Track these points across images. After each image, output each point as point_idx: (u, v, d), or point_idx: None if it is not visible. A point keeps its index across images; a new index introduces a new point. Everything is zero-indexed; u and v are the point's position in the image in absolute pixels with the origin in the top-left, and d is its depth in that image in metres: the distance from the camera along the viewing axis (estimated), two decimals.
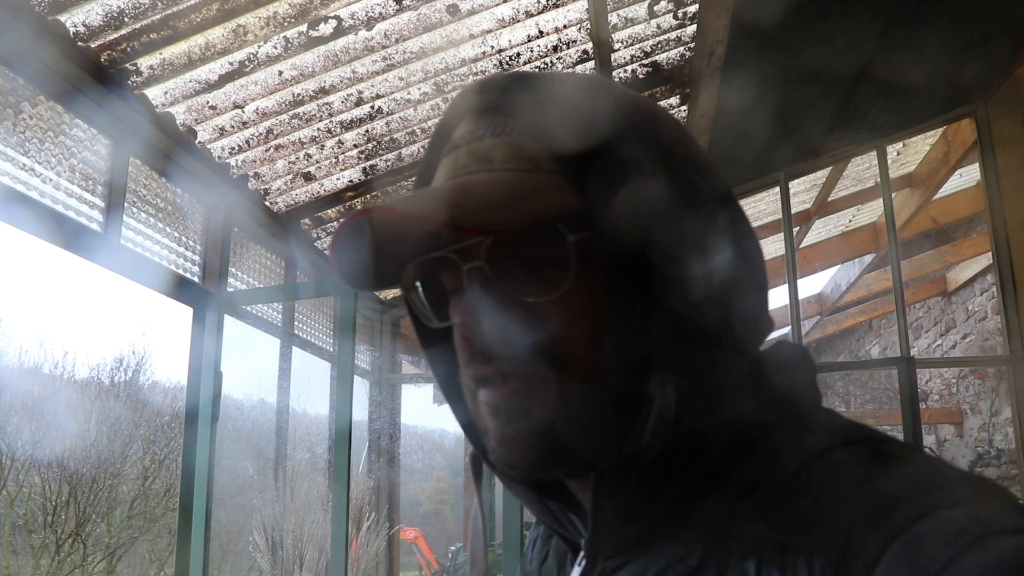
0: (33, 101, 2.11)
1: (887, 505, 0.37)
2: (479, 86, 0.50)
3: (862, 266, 6.13)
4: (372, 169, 3.26)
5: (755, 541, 0.40)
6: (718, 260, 0.45)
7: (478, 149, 0.47)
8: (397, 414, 4.92)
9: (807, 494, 0.40)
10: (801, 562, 0.37)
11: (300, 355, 3.74)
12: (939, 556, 0.34)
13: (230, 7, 2.19)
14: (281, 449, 3.52)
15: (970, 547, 0.34)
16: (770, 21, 2.53)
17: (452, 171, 0.48)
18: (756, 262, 0.49)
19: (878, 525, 0.36)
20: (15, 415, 6.93)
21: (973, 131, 3.71)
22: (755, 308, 0.48)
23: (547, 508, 0.51)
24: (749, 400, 0.45)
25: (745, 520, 0.41)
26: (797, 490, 0.41)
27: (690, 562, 0.42)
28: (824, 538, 0.38)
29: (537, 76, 0.49)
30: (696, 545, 0.42)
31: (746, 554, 0.39)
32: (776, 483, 0.42)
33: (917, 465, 0.41)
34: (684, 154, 0.47)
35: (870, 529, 0.36)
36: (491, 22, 2.60)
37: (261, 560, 3.14)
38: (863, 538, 0.36)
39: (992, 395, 5.80)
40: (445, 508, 13.36)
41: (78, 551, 6.76)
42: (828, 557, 0.37)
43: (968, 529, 0.34)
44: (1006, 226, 3.49)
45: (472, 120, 0.49)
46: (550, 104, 0.46)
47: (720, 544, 0.41)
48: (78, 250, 2.26)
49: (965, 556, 0.33)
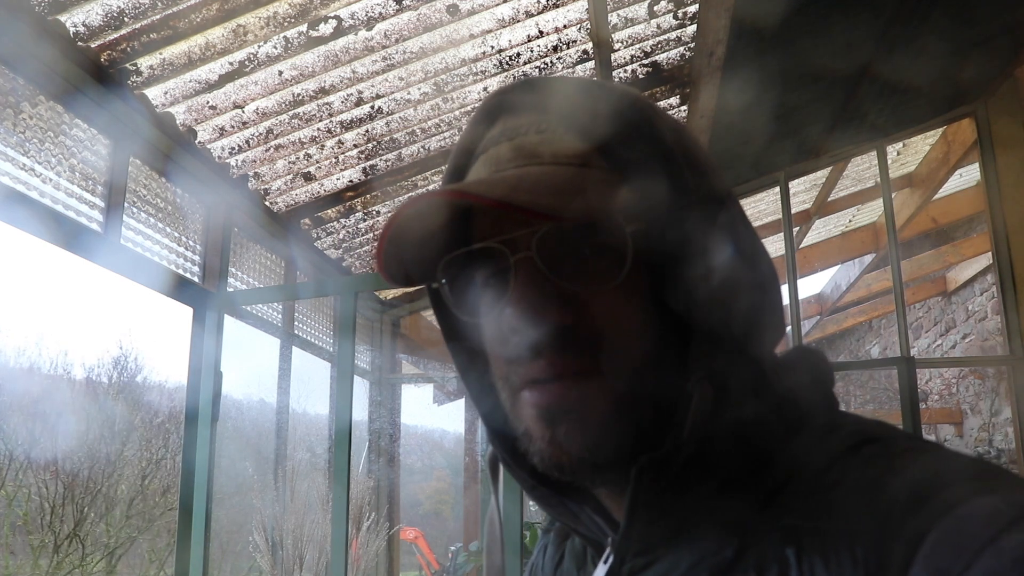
0: (33, 101, 2.11)
1: (924, 492, 0.38)
2: (517, 87, 0.50)
3: (862, 266, 6.13)
4: (372, 169, 3.26)
5: (793, 531, 0.40)
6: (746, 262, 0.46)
7: (524, 144, 0.47)
8: (397, 414, 4.91)
9: (841, 486, 0.41)
10: (843, 548, 0.38)
11: (300, 355, 3.74)
12: (980, 535, 0.34)
13: (230, 7, 2.19)
14: (281, 449, 3.52)
15: (1010, 527, 0.34)
16: (770, 21, 2.53)
17: (495, 165, 0.47)
18: (769, 265, 0.50)
19: (917, 511, 0.37)
20: (14, 415, 6.93)
21: (973, 131, 3.71)
22: (775, 310, 0.49)
23: (569, 510, 0.51)
24: (776, 399, 0.45)
25: (780, 512, 0.41)
26: (830, 483, 0.41)
27: (725, 554, 0.42)
28: (863, 525, 0.38)
29: (573, 79, 0.51)
30: (730, 538, 0.42)
31: (785, 543, 0.40)
32: (808, 478, 0.42)
33: (947, 458, 0.41)
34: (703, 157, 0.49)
35: (909, 515, 0.37)
36: (491, 22, 2.60)
37: (261, 560, 3.14)
38: (902, 523, 0.37)
39: (992, 395, 5.80)
40: (445, 508, 13.35)
41: (77, 551, 6.75)
42: (869, 542, 0.37)
43: (1006, 511, 0.35)
44: (1006, 226, 3.49)
45: (511, 118, 0.49)
46: (590, 105, 0.47)
47: (756, 536, 0.41)
48: (78, 250, 2.26)
49: (1005, 535, 0.34)
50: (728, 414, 0.43)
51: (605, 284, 0.43)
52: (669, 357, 0.43)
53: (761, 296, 0.47)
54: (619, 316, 0.43)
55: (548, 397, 0.44)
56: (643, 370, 0.43)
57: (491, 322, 0.46)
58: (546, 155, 0.45)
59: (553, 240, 0.44)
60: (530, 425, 0.45)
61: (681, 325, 0.43)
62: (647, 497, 0.43)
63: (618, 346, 0.43)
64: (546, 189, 0.42)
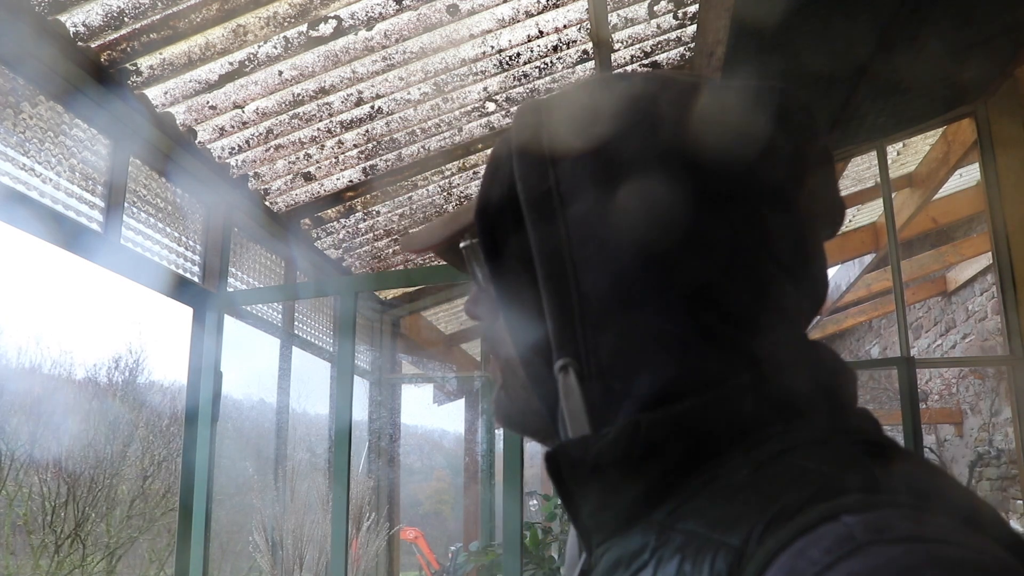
0: (33, 101, 2.11)
1: (797, 507, 0.35)
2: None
3: (862, 266, 6.13)
4: (372, 169, 3.26)
5: (686, 536, 0.40)
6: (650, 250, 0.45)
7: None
8: (397, 414, 4.91)
9: (740, 495, 0.39)
10: (707, 560, 0.37)
11: (300, 355, 3.74)
12: (817, 562, 0.32)
13: (230, 7, 2.19)
14: (281, 449, 3.52)
15: (851, 554, 0.32)
16: (770, 21, 2.53)
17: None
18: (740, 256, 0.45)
19: (779, 528, 0.35)
20: (14, 415, 6.92)
21: (973, 131, 3.71)
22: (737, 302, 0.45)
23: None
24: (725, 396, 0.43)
25: (688, 515, 0.41)
26: (735, 490, 0.40)
27: (644, 555, 0.42)
28: (731, 539, 0.37)
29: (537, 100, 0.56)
30: (650, 537, 0.42)
31: (677, 548, 0.39)
32: (726, 481, 0.41)
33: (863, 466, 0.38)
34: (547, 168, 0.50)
35: (771, 531, 0.35)
36: (491, 22, 2.60)
37: (261, 560, 3.14)
38: (761, 541, 0.35)
39: (992, 395, 5.80)
40: (445, 508, 13.35)
41: (77, 551, 6.75)
42: (730, 557, 0.36)
43: (857, 535, 0.32)
44: (1006, 226, 3.49)
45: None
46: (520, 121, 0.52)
47: (665, 537, 0.41)
48: (78, 250, 2.26)
49: (841, 563, 0.31)
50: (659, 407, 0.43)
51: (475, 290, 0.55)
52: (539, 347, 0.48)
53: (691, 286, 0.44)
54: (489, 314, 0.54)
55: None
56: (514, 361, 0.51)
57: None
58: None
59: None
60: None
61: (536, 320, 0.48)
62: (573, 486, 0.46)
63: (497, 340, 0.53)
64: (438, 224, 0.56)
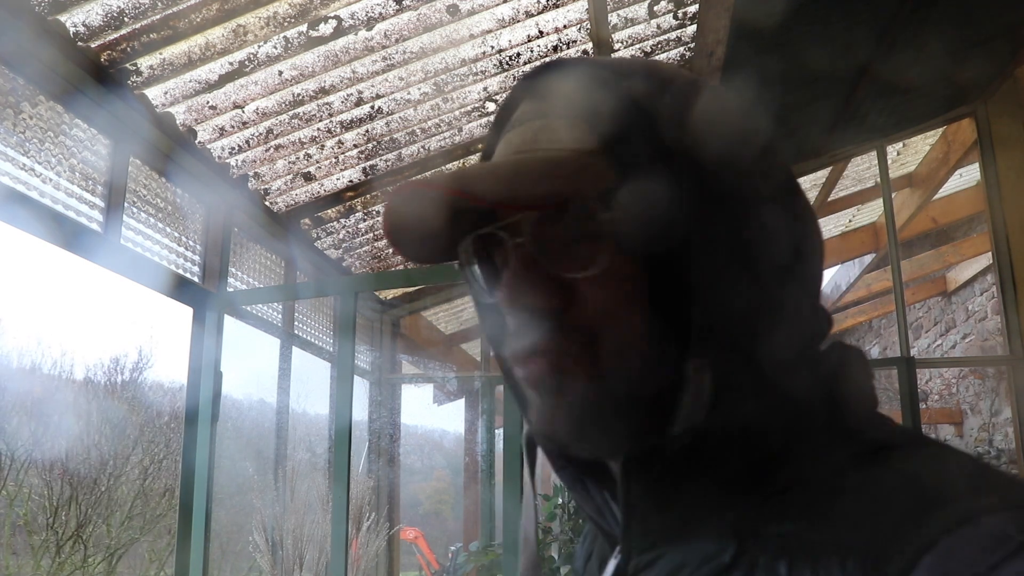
0: (33, 101, 2.11)
1: (930, 508, 0.35)
2: (533, 70, 0.51)
3: (862, 266, 6.13)
4: (372, 169, 3.26)
5: (788, 541, 0.39)
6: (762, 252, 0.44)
7: (526, 131, 0.48)
8: (397, 414, 4.91)
9: (844, 496, 0.39)
10: (834, 564, 0.36)
11: (300, 355, 3.74)
12: (978, 563, 0.32)
13: (230, 7, 2.19)
14: (281, 449, 3.52)
15: (1015, 553, 0.31)
16: (770, 21, 2.53)
17: (504, 152, 0.49)
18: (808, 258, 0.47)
19: (917, 529, 0.34)
20: (15, 415, 6.92)
21: (973, 131, 3.71)
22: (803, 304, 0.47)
23: (591, 498, 0.51)
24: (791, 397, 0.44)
25: (779, 519, 0.40)
26: (834, 492, 0.39)
27: (723, 559, 0.41)
28: (860, 541, 0.36)
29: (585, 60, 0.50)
30: (729, 541, 0.41)
31: (778, 553, 0.38)
32: (813, 484, 0.41)
33: (964, 468, 0.39)
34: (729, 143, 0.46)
35: (908, 533, 0.35)
36: (491, 22, 2.60)
37: (261, 560, 3.14)
38: (901, 542, 0.34)
39: (992, 395, 5.79)
40: (445, 508, 13.35)
41: (79, 552, 6.75)
42: (862, 561, 0.35)
43: (1012, 534, 0.32)
44: (1006, 226, 3.49)
45: (527, 103, 0.50)
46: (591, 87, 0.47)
47: (752, 542, 0.40)
48: (78, 250, 2.26)
49: (1008, 563, 0.31)
50: (728, 409, 0.42)
51: (588, 269, 0.44)
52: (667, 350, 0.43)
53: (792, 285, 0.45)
54: (605, 301, 0.44)
55: (536, 372, 0.45)
56: (632, 356, 0.44)
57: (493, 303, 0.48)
58: (542, 141, 0.46)
59: (547, 227, 0.44)
60: (528, 398, 0.48)
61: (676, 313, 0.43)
62: (640, 488, 0.43)
63: (605, 331, 0.44)
64: (520, 179, 0.43)
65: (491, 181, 0.43)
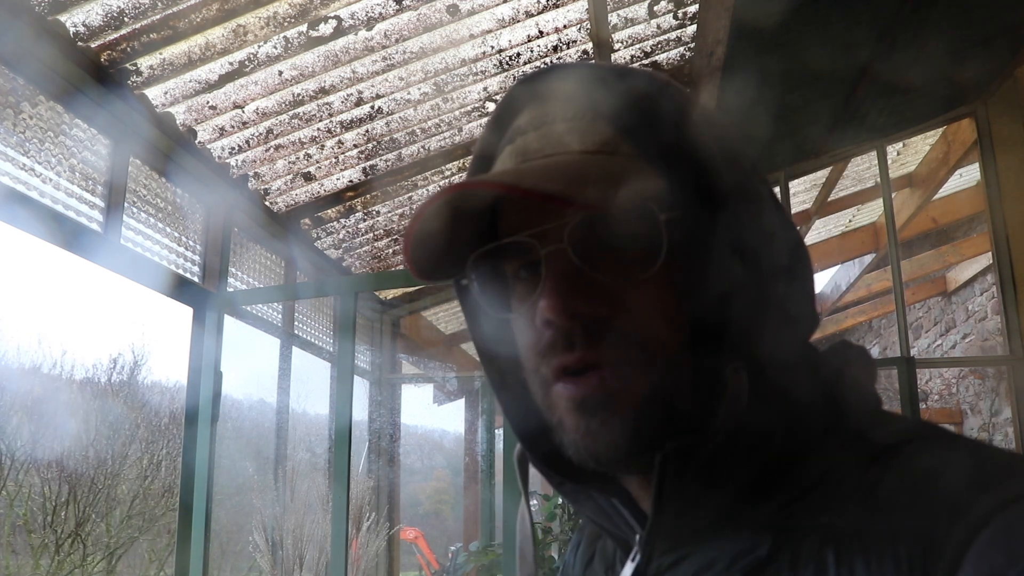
0: (33, 101, 2.11)
1: (975, 491, 0.36)
2: (542, 74, 0.49)
3: (862, 266, 6.13)
4: (372, 169, 3.26)
5: (831, 530, 0.39)
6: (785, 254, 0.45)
7: (551, 133, 0.46)
8: (397, 414, 4.91)
9: (882, 486, 0.39)
10: (886, 548, 0.36)
11: (300, 355, 3.74)
12: None
13: (230, 7, 2.19)
14: (281, 449, 3.52)
15: None
16: (770, 21, 2.53)
17: (522, 155, 0.47)
18: (802, 253, 0.49)
19: (966, 511, 0.35)
20: (15, 415, 6.92)
21: (973, 131, 3.71)
22: (809, 303, 0.48)
23: (599, 506, 0.50)
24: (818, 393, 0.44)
25: (817, 511, 0.40)
26: (870, 482, 0.40)
27: (759, 553, 0.41)
28: (908, 526, 0.37)
29: (596, 66, 0.49)
30: (764, 536, 0.41)
31: (823, 544, 0.39)
32: (846, 476, 0.41)
33: (995, 455, 0.40)
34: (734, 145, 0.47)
35: (958, 515, 0.35)
36: (491, 22, 2.60)
37: (261, 560, 3.14)
38: (952, 524, 0.35)
39: (992, 395, 5.79)
40: (445, 508, 13.35)
41: (78, 551, 6.75)
42: (914, 545, 0.36)
43: None
44: (1006, 226, 3.49)
45: (538, 106, 0.48)
46: (619, 91, 0.46)
47: (791, 534, 0.40)
48: (78, 250, 2.26)
49: None
50: (761, 406, 0.42)
51: (640, 275, 0.42)
52: (705, 348, 0.42)
53: (798, 287, 0.46)
54: (654, 307, 0.43)
55: (584, 388, 0.43)
56: (678, 360, 0.43)
57: (523, 316, 0.46)
58: (574, 144, 0.45)
59: (585, 231, 0.43)
60: (564, 416, 0.45)
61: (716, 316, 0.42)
62: (673, 486, 0.42)
63: (654, 337, 0.43)
64: (576, 178, 0.42)
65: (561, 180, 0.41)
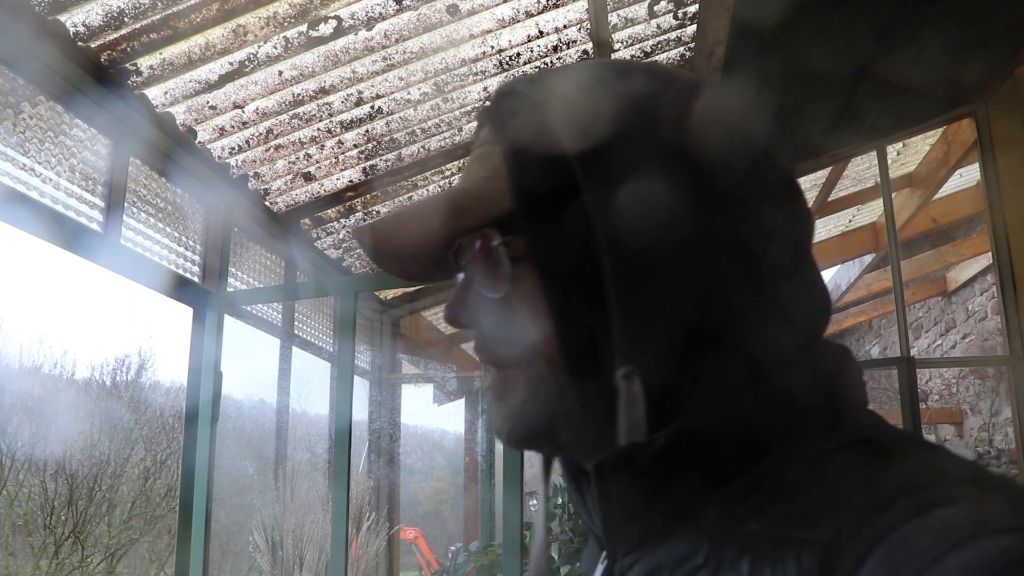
0: (33, 101, 2.11)
1: (884, 502, 0.36)
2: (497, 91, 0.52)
3: (862, 266, 6.13)
4: (372, 169, 3.26)
5: (752, 538, 0.39)
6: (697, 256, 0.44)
7: (471, 158, 0.52)
8: (397, 414, 4.91)
9: (808, 492, 0.39)
10: (790, 558, 0.36)
11: (300, 355, 3.74)
12: (925, 554, 0.32)
13: (230, 7, 2.19)
14: (281, 449, 3.52)
15: (959, 545, 0.31)
16: (770, 21, 2.53)
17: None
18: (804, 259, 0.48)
19: (871, 522, 0.35)
20: (15, 415, 6.92)
21: (973, 131, 3.71)
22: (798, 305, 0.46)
23: (585, 503, 0.51)
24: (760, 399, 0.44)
25: (745, 517, 0.40)
26: (799, 488, 0.40)
27: (697, 559, 0.41)
28: (816, 535, 0.36)
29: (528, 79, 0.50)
30: (702, 542, 0.41)
31: (742, 551, 0.39)
32: (780, 481, 0.41)
33: (927, 462, 0.39)
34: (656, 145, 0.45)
35: (862, 526, 0.35)
36: (491, 22, 2.60)
37: (261, 560, 3.14)
38: (854, 536, 0.35)
39: (992, 395, 5.80)
40: (445, 508, 13.35)
41: (77, 552, 6.75)
42: (817, 554, 0.36)
43: (962, 527, 0.32)
44: (1006, 226, 3.50)
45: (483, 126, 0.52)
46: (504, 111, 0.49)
47: (721, 541, 0.40)
48: (78, 250, 2.26)
49: (952, 554, 0.31)
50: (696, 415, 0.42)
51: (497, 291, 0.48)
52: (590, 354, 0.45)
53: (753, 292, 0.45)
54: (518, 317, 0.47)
55: (488, 379, 0.51)
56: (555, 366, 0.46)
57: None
58: (474, 169, 0.50)
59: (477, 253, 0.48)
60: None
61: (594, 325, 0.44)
62: (615, 494, 0.44)
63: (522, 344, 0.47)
64: (417, 219, 0.49)
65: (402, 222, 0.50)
